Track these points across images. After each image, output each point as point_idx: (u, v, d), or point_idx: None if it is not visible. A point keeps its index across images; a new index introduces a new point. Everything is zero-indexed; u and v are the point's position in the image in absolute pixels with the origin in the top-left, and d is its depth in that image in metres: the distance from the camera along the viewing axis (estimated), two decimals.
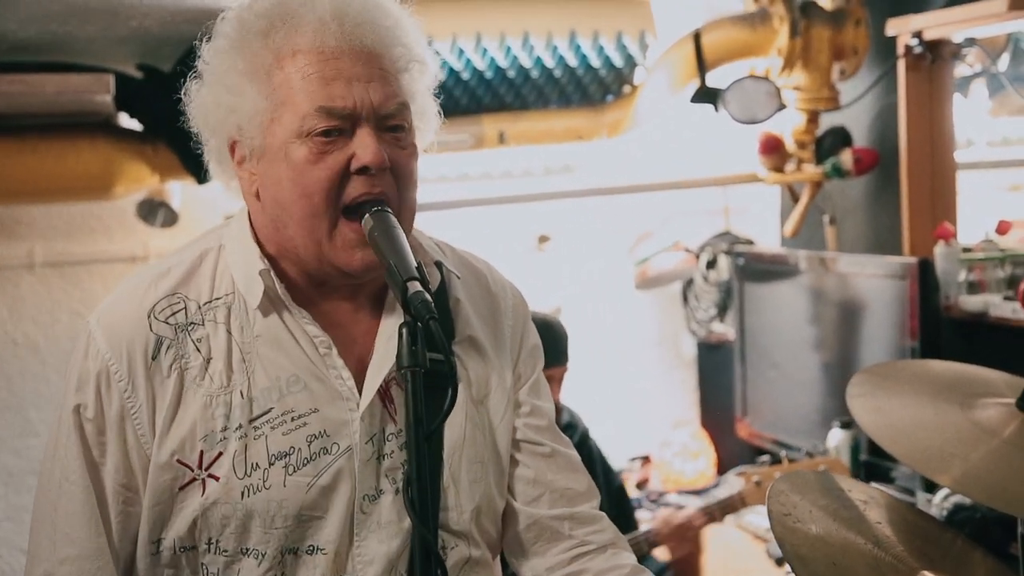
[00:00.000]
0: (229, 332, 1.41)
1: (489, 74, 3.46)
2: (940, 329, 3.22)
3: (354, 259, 1.37)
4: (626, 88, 3.64)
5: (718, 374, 4.12)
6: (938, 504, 2.89)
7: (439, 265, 1.49)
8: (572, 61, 3.52)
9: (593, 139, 3.61)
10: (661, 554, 3.09)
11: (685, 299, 4.17)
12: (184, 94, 1.44)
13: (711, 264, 4.03)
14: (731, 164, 3.93)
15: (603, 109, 3.61)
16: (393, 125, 1.39)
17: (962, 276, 3.20)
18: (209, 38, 1.42)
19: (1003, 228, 3.26)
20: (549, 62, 3.50)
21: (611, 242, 4.06)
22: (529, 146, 3.59)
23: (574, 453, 1.59)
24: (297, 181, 1.36)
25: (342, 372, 1.42)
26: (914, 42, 3.25)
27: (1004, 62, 3.44)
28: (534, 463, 1.54)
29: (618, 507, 3.18)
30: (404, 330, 1.26)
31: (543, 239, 3.96)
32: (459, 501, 1.45)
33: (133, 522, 1.41)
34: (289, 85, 1.35)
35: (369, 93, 1.35)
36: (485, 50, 3.41)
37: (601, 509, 1.66)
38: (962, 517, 2.77)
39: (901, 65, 3.31)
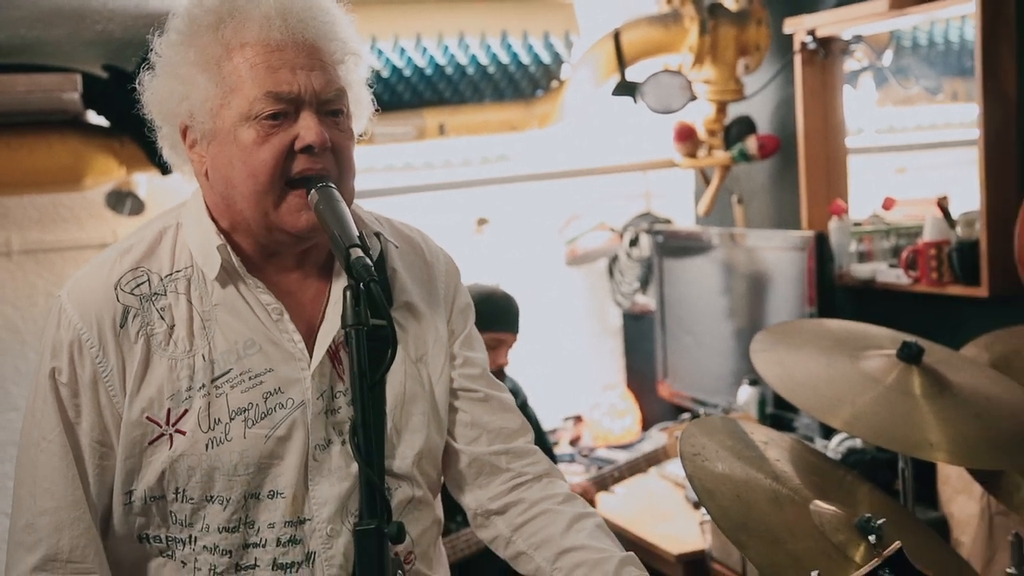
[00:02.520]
0: (190, 302, 1.42)
1: (429, 71, 3.47)
2: (834, 295, 3.30)
3: (300, 221, 1.39)
4: (554, 83, 3.66)
5: (641, 341, 4.17)
6: (833, 449, 2.97)
7: (378, 235, 1.51)
8: (504, 59, 3.54)
9: (525, 130, 3.63)
10: None
11: (611, 274, 4.19)
12: (138, 84, 1.44)
13: (633, 242, 4.06)
14: (649, 151, 3.96)
15: (533, 102, 3.64)
16: (333, 110, 1.41)
17: (853, 247, 3.28)
18: (161, 33, 1.42)
19: (888, 204, 3.34)
20: (483, 60, 3.51)
21: (543, 224, 4.08)
22: (467, 137, 3.59)
23: (508, 396, 1.61)
24: (245, 161, 1.37)
25: (293, 335, 1.43)
26: (808, 39, 3.31)
27: (888, 57, 3.50)
28: (470, 408, 1.56)
29: None
30: (347, 292, 1.28)
31: (482, 222, 3.97)
32: (402, 448, 1.47)
33: (108, 475, 1.42)
34: (238, 74, 1.36)
35: (311, 80, 1.37)
36: (425, 49, 3.41)
37: None
38: (854, 459, 2.85)
39: (797, 60, 3.37)
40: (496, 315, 3.07)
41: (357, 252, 1.28)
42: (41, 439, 1.41)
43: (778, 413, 3.36)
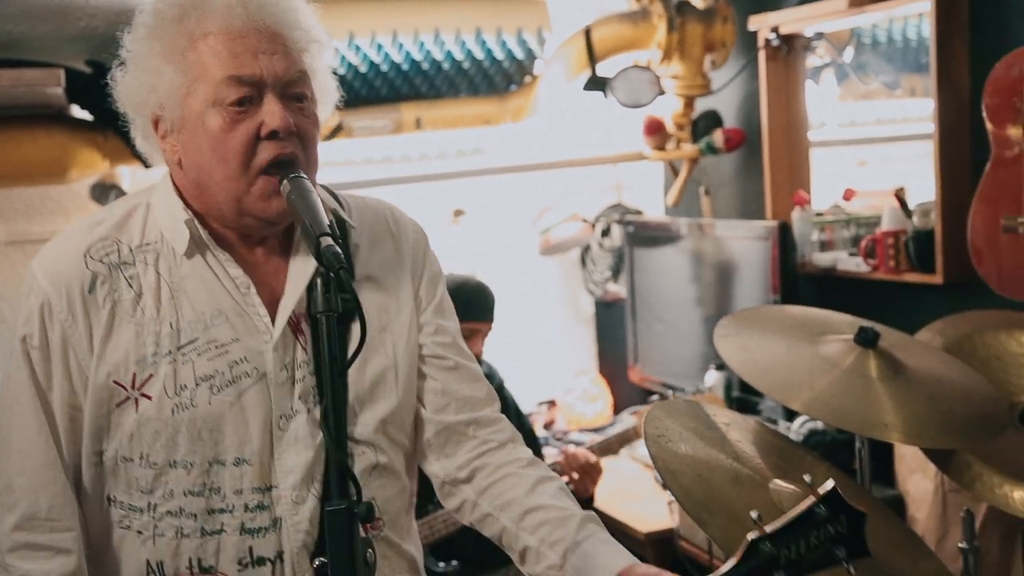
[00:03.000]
0: (158, 272, 1.43)
1: (406, 66, 3.45)
2: (797, 282, 3.31)
3: (270, 206, 1.40)
4: (527, 78, 3.65)
5: (613, 328, 4.18)
6: (796, 430, 2.99)
7: (334, 212, 1.51)
8: (479, 54, 3.52)
9: (499, 124, 3.62)
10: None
11: (583, 263, 4.19)
12: (110, 79, 1.45)
13: (605, 232, 4.06)
14: (620, 144, 3.96)
15: (507, 97, 3.62)
16: (296, 93, 1.41)
17: (815, 236, 3.30)
18: (130, 29, 1.43)
19: (848, 195, 3.37)
20: (458, 55, 3.49)
21: (518, 215, 4.07)
22: (443, 130, 3.58)
23: (475, 366, 1.61)
24: (215, 148, 1.38)
25: (259, 309, 1.44)
26: (772, 36, 3.32)
27: (849, 54, 3.53)
28: (441, 376, 1.57)
29: (528, 445, 3.23)
30: (319, 280, 1.28)
31: (458, 213, 3.96)
32: (364, 416, 1.47)
33: (79, 437, 1.42)
34: (202, 62, 1.37)
35: (273, 63, 1.38)
36: (401, 45, 3.39)
37: None
38: (815, 440, 2.87)
39: (762, 56, 3.38)
40: (470, 305, 3.03)
41: (327, 240, 1.28)
42: (15, 403, 1.42)
43: (744, 396, 3.38)
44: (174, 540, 1.40)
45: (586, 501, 3.08)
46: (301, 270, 1.45)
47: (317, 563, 1.38)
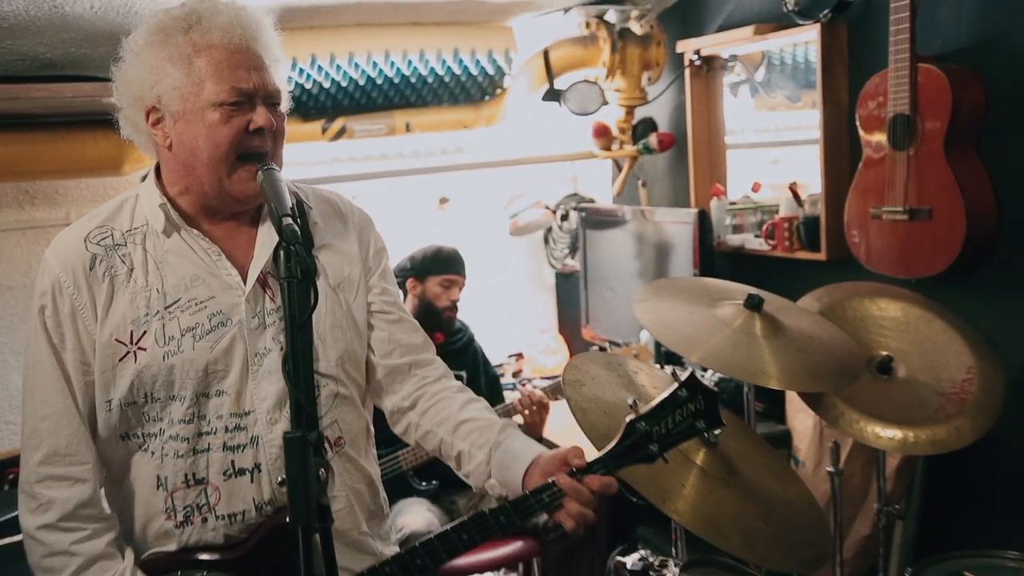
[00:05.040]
0: (145, 249, 1.47)
1: (397, 80, 3.45)
2: (713, 258, 3.35)
3: (248, 189, 1.44)
4: (497, 90, 3.65)
5: (570, 295, 4.21)
6: (708, 379, 3.02)
7: (296, 197, 1.55)
8: (457, 70, 3.53)
9: (475, 127, 3.63)
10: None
11: (546, 242, 4.21)
12: (111, 74, 1.46)
13: (564, 217, 4.08)
14: (574, 145, 3.98)
15: (481, 106, 3.63)
16: (274, 102, 1.46)
17: (728, 221, 3.32)
18: (133, 35, 1.45)
19: (755, 187, 3.38)
20: (441, 71, 3.50)
21: (492, 202, 4.09)
22: (429, 132, 3.59)
23: (413, 320, 1.65)
24: (210, 136, 1.41)
25: (230, 271, 1.47)
26: (695, 57, 3.32)
27: (761, 73, 3.53)
28: (387, 327, 1.60)
29: (491, 389, 3.28)
30: (281, 251, 1.31)
31: (443, 200, 3.97)
32: (326, 353, 1.51)
33: (91, 389, 1.46)
34: (206, 69, 1.40)
35: (262, 78, 1.43)
36: (393, 63, 3.39)
37: (480, 392, 1.73)
38: (722, 386, 2.91)
39: (687, 74, 3.39)
40: (446, 262, 3.14)
41: (288, 220, 1.31)
42: (36, 363, 1.45)
43: (671, 351, 3.40)
44: (174, 459, 1.44)
45: (536, 438, 3.11)
46: (267, 239, 1.49)
47: (280, 479, 1.42)
